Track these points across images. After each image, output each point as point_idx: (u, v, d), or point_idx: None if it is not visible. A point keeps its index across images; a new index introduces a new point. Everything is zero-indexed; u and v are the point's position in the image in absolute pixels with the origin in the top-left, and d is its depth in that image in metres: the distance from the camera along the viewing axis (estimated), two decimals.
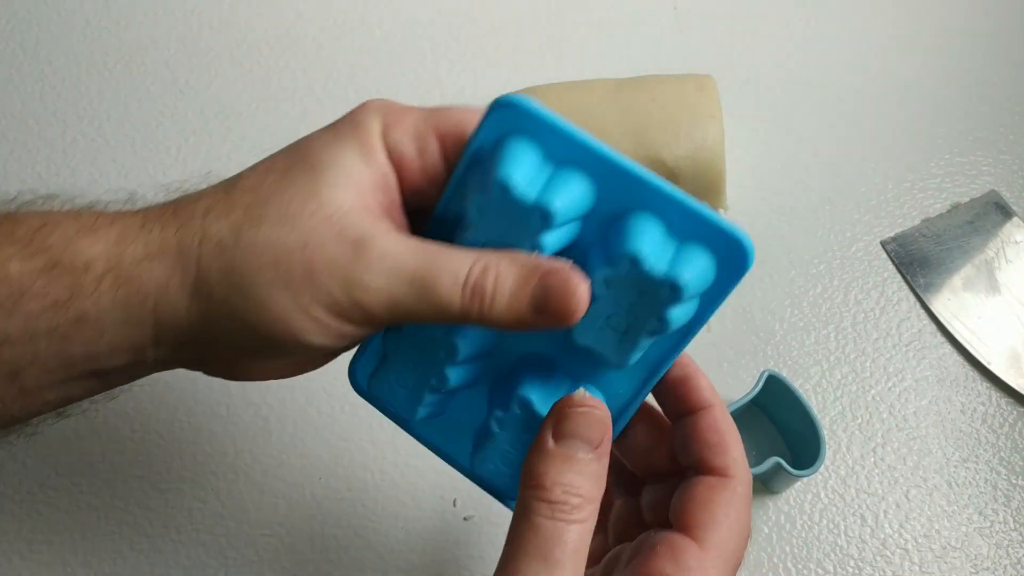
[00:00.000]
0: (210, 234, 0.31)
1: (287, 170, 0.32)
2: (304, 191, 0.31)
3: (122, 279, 0.31)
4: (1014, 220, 0.58)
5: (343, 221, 0.30)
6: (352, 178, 0.31)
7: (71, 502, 0.51)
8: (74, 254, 0.31)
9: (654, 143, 0.55)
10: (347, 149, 0.32)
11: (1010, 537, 0.50)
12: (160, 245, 0.31)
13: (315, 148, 0.32)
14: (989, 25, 0.65)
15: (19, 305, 0.30)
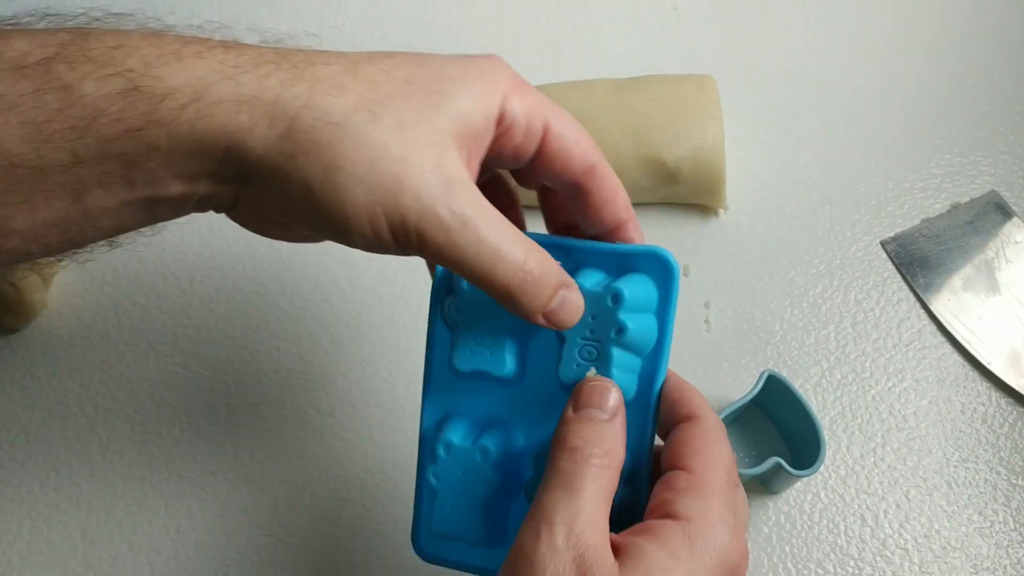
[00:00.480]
0: (318, 104, 0.31)
1: (410, 81, 0.33)
2: (421, 112, 0.32)
3: (203, 115, 0.30)
4: (1014, 220, 0.58)
5: (444, 156, 0.32)
6: (464, 121, 0.33)
7: (71, 502, 0.51)
8: (154, 80, 0.30)
9: (654, 143, 0.55)
10: (471, 93, 0.33)
11: (1010, 537, 0.50)
12: (254, 91, 0.31)
13: (443, 75, 0.33)
14: (989, 25, 0.65)
15: (92, 127, 0.30)
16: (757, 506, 0.50)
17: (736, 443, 0.52)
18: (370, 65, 0.33)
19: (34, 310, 0.55)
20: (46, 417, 0.54)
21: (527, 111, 0.34)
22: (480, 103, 0.33)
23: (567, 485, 0.31)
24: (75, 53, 0.30)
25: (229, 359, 0.55)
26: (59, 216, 0.31)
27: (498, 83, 0.34)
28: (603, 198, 0.36)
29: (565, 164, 0.36)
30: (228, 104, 0.31)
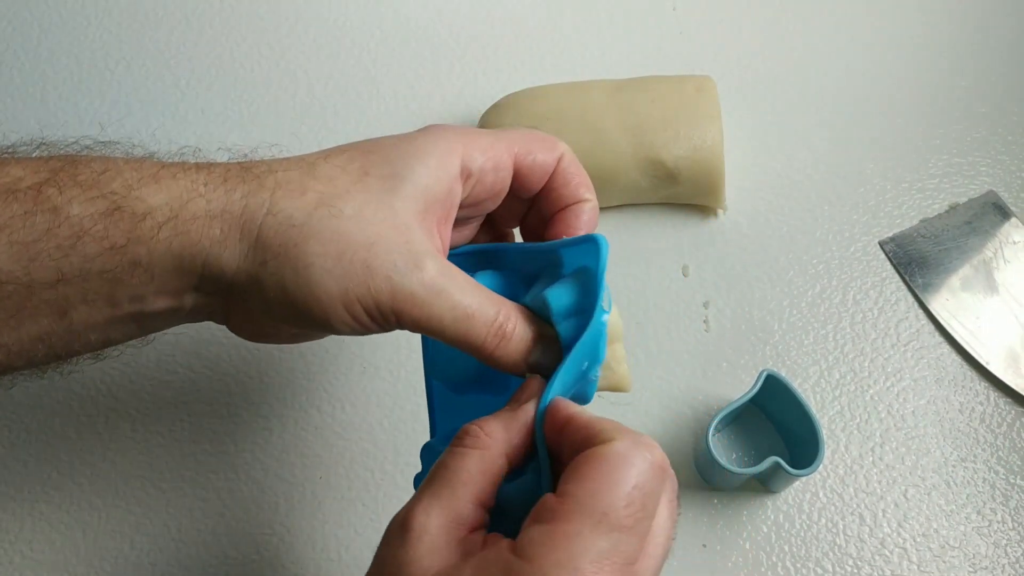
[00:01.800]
0: (282, 208, 0.33)
1: (366, 172, 0.35)
2: (380, 199, 0.34)
3: (180, 231, 0.33)
4: (1012, 220, 0.58)
5: (408, 234, 0.34)
6: (424, 195, 0.35)
7: (72, 502, 0.52)
8: (135, 201, 0.32)
9: (654, 143, 0.55)
10: (426, 167, 0.35)
11: (1008, 536, 0.50)
12: (223, 205, 0.33)
13: (396, 158, 0.35)
14: (988, 26, 0.65)
15: (77, 246, 0.32)
16: (756, 505, 0.50)
17: (735, 443, 0.52)
18: (326, 163, 0.35)
19: None
20: (47, 417, 0.54)
21: (488, 155, 0.37)
22: (437, 172, 0.35)
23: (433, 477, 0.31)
24: (65, 178, 0.32)
25: (230, 359, 0.55)
26: (44, 331, 0.33)
27: (452, 146, 0.36)
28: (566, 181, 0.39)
29: (541, 170, 0.39)
30: (202, 220, 0.33)
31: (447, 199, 0.36)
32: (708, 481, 0.51)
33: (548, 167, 0.39)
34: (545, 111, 0.56)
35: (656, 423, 0.52)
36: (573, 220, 0.39)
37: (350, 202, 0.34)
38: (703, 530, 0.50)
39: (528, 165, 0.38)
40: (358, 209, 0.33)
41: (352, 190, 0.34)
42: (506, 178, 0.38)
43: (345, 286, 0.33)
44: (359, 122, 0.63)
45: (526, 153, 0.38)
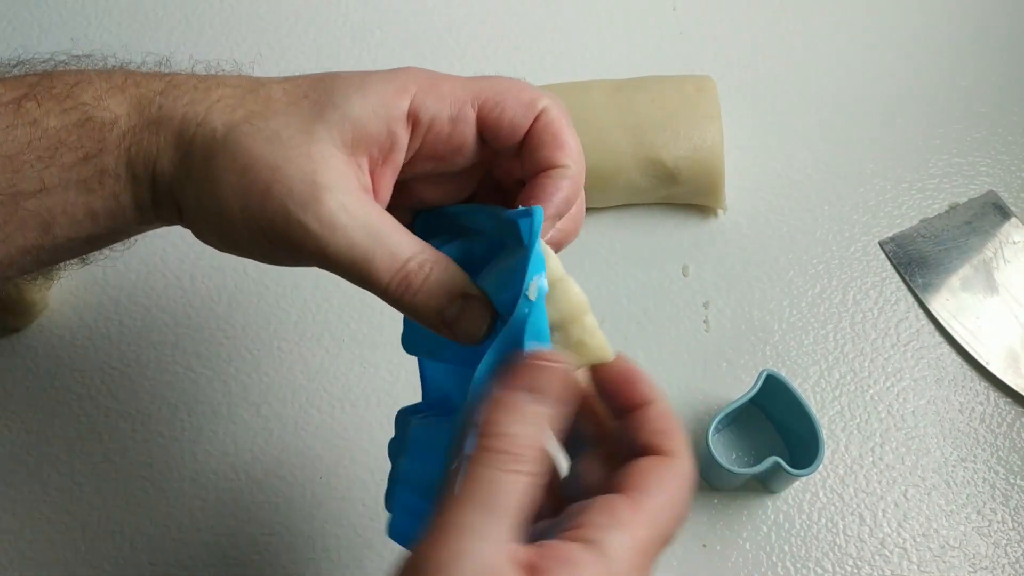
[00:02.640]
0: (209, 120, 0.33)
1: (306, 95, 0.33)
2: (302, 122, 0.32)
3: (137, 139, 0.33)
4: (1012, 220, 0.58)
5: (318, 164, 0.32)
6: (354, 128, 0.32)
7: (72, 502, 0.52)
8: (103, 110, 0.33)
9: (654, 143, 0.55)
10: (366, 100, 0.33)
11: (1008, 536, 0.50)
12: (170, 114, 0.33)
13: (340, 87, 0.33)
14: (988, 26, 0.65)
15: (55, 157, 0.33)
16: (756, 505, 0.50)
17: (735, 443, 0.52)
18: (275, 85, 0.34)
19: (35, 310, 0.56)
20: (47, 417, 0.54)
21: (447, 101, 0.34)
22: (375, 108, 0.33)
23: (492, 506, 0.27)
24: (42, 92, 0.33)
25: (230, 359, 0.55)
26: (31, 244, 0.34)
27: (404, 85, 0.33)
28: (540, 141, 0.34)
29: (509, 125, 0.34)
30: (153, 127, 0.33)
31: (385, 140, 0.33)
32: (708, 481, 0.51)
33: (519, 124, 0.34)
34: None
35: None
36: (540, 191, 0.33)
37: (273, 121, 0.32)
38: (703, 530, 0.50)
39: (494, 119, 0.34)
40: (277, 130, 0.32)
41: (281, 111, 0.33)
42: (467, 132, 0.34)
43: (245, 205, 0.32)
44: None
45: (493, 106, 0.34)
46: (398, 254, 0.32)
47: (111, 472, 0.52)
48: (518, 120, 0.34)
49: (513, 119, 0.34)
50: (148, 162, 0.34)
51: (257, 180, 0.32)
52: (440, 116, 0.33)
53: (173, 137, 0.33)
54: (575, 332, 0.32)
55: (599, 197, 0.57)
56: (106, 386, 0.54)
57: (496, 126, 0.34)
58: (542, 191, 0.33)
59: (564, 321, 0.31)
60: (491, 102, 0.34)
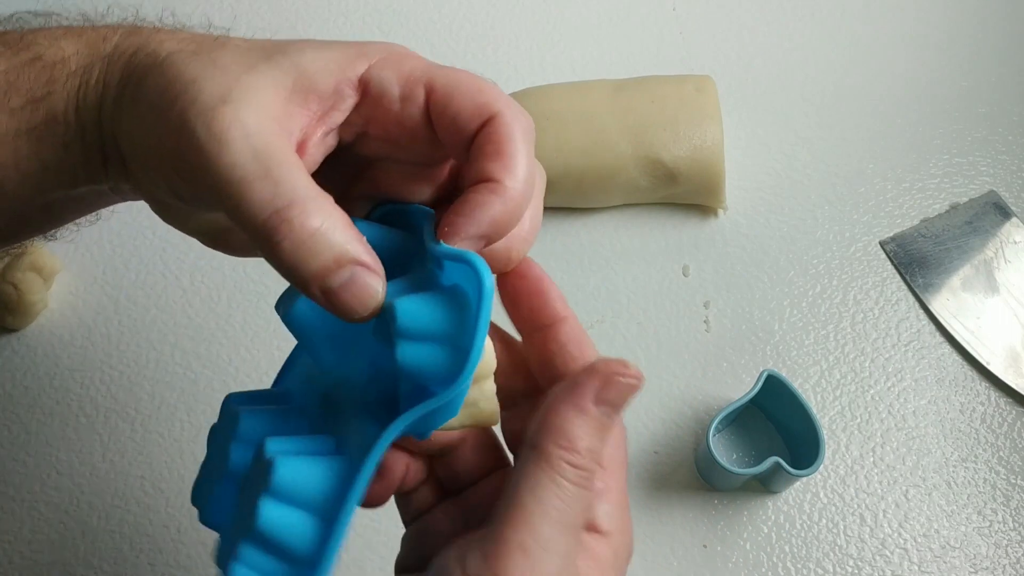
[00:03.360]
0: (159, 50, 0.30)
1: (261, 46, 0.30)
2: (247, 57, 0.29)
3: (84, 79, 0.31)
4: (1013, 220, 0.58)
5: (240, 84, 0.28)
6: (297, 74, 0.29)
7: (71, 502, 0.52)
8: (55, 50, 0.31)
9: (654, 144, 0.55)
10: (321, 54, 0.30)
11: (1009, 537, 0.50)
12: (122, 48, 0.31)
13: (297, 45, 0.30)
14: (988, 26, 0.65)
15: (3, 101, 0.30)
16: (757, 506, 0.50)
17: (735, 443, 0.52)
18: (241, 39, 0.31)
19: (34, 310, 0.55)
20: (47, 417, 0.54)
21: (402, 77, 0.30)
22: (326, 62, 0.29)
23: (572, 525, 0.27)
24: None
25: (229, 359, 0.55)
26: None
27: (364, 52, 0.30)
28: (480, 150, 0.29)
29: (453, 120, 0.30)
30: (100, 64, 0.31)
31: (328, 97, 0.29)
32: (709, 481, 0.51)
33: (463, 122, 0.29)
34: (545, 111, 0.56)
35: (656, 423, 0.52)
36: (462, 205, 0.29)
37: (215, 54, 0.29)
38: (704, 530, 0.50)
39: (439, 110, 0.29)
40: (216, 56, 0.29)
41: (231, 49, 0.29)
42: (416, 116, 0.30)
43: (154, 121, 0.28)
44: None
45: (443, 95, 0.29)
46: (283, 190, 0.26)
47: (110, 472, 0.52)
48: (463, 117, 0.29)
49: (458, 115, 0.29)
50: (95, 101, 0.31)
51: (171, 90, 0.28)
52: (391, 90, 0.30)
53: (120, 70, 0.30)
54: (474, 392, 0.29)
55: (599, 197, 0.57)
56: (105, 386, 0.54)
57: (440, 118, 0.30)
58: (464, 205, 0.29)
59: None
60: (441, 90, 0.29)
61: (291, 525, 0.27)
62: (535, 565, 0.26)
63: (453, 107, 0.29)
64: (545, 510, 0.27)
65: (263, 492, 0.27)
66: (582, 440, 0.28)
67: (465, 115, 0.29)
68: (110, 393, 0.54)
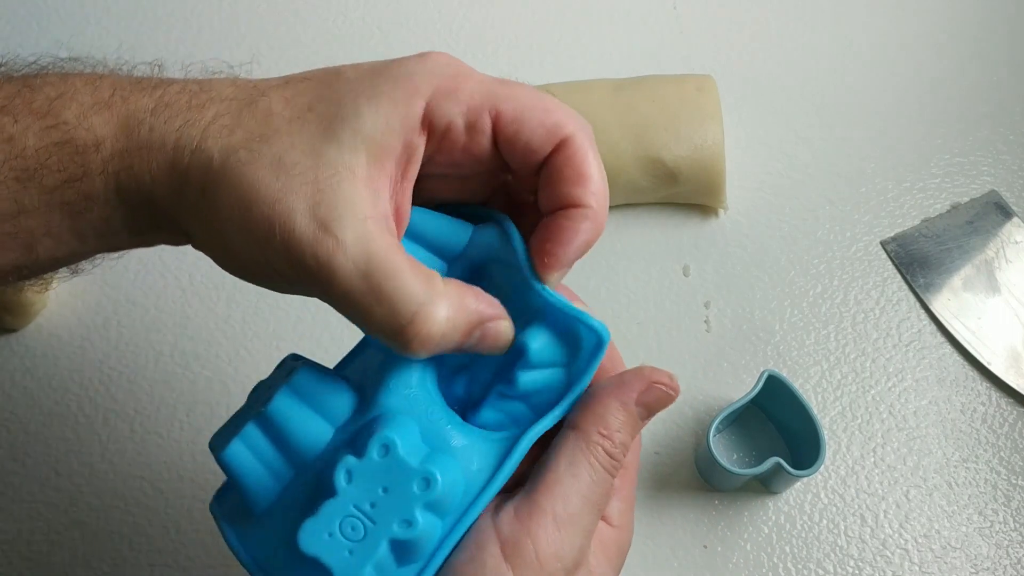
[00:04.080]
0: (205, 147, 0.30)
1: (311, 108, 0.30)
2: (310, 142, 0.29)
3: (125, 164, 0.30)
4: (1014, 220, 0.58)
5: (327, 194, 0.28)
6: (368, 144, 0.29)
7: (71, 502, 0.51)
8: (87, 131, 0.30)
9: (654, 143, 0.55)
10: (379, 109, 0.29)
11: (1010, 537, 0.50)
12: (162, 139, 0.30)
13: (348, 95, 0.30)
14: (989, 25, 0.65)
15: (35, 178, 0.30)
16: (757, 506, 0.50)
17: (736, 443, 0.52)
18: (275, 93, 0.31)
19: (34, 310, 0.55)
20: (46, 417, 0.54)
21: (465, 107, 0.30)
22: (388, 119, 0.29)
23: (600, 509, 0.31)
24: (20, 105, 0.30)
25: (229, 359, 0.55)
26: (13, 263, 0.32)
27: (417, 88, 0.30)
28: (561, 174, 0.31)
29: (526, 147, 0.31)
30: (144, 152, 0.30)
31: (403, 153, 0.30)
32: (709, 482, 0.50)
33: (536, 148, 0.31)
34: None
35: (657, 423, 0.52)
36: (558, 232, 0.31)
37: (273, 145, 0.29)
38: (704, 531, 0.50)
39: (509, 136, 0.31)
40: (280, 155, 0.29)
41: (283, 130, 0.29)
42: (484, 142, 0.31)
43: (248, 242, 0.29)
44: None
45: (511, 120, 0.30)
46: (400, 309, 0.28)
47: (110, 472, 0.52)
48: (535, 144, 0.31)
49: (530, 142, 0.31)
50: (142, 189, 0.31)
51: (259, 216, 0.28)
52: (456, 123, 0.30)
53: (167, 165, 0.30)
54: None
55: None
56: (104, 386, 0.54)
57: (511, 144, 0.31)
58: (560, 233, 0.31)
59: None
60: (509, 116, 0.30)
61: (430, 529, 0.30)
62: (561, 532, 0.29)
63: (524, 134, 0.30)
64: (579, 486, 0.30)
65: (419, 506, 0.29)
66: (619, 432, 0.31)
67: (537, 141, 0.31)
68: (109, 393, 0.54)
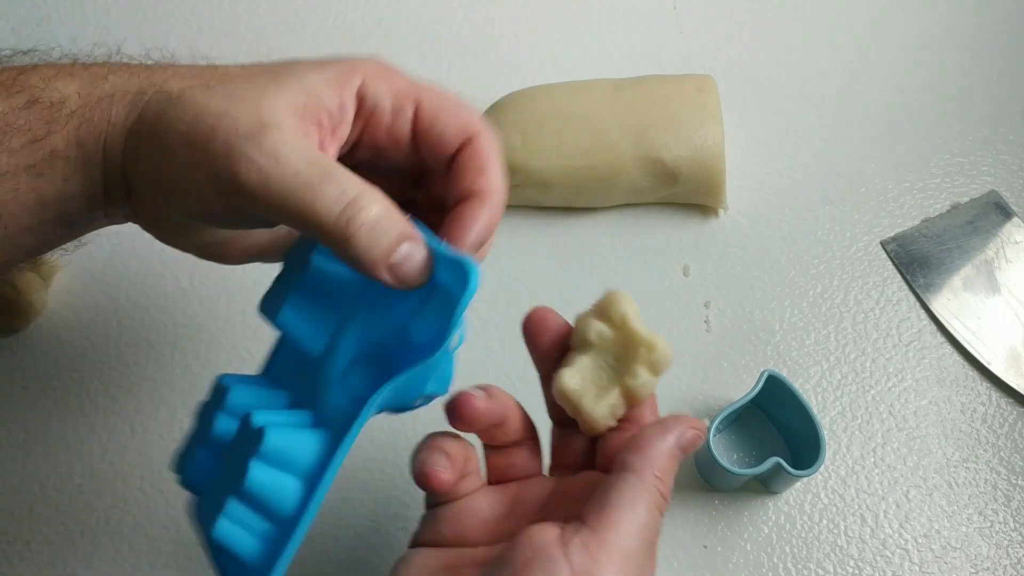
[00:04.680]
0: (165, 87, 0.33)
1: (262, 71, 0.34)
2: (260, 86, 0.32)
3: (87, 117, 0.33)
4: (1014, 220, 0.58)
5: (265, 109, 0.31)
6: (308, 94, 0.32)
7: (71, 502, 0.51)
8: (51, 91, 0.33)
9: (654, 143, 0.55)
10: (321, 73, 0.33)
11: (1010, 537, 0.50)
12: (123, 88, 0.34)
13: (296, 67, 0.33)
14: (989, 25, 0.65)
15: (3, 142, 0.32)
16: (757, 506, 0.50)
17: (736, 443, 0.52)
18: (240, 68, 0.35)
19: (34, 310, 0.55)
20: (46, 417, 0.54)
21: (393, 93, 0.34)
22: (329, 81, 0.33)
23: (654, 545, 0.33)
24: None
25: (229, 359, 0.55)
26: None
27: (357, 68, 0.34)
28: (466, 166, 0.34)
29: (439, 138, 0.34)
30: (104, 102, 0.33)
31: (336, 111, 0.33)
32: (709, 482, 0.51)
33: (447, 141, 0.34)
34: (545, 111, 0.56)
35: None
36: (459, 219, 0.34)
37: (228, 85, 0.32)
38: (704, 531, 0.50)
39: (425, 127, 0.34)
40: (231, 89, 0.32)
41: (239, 78, 0.33)
42: (404, 128, 0.34)
43: (191, 151, 0.31)
44: None
45: (429, 113, 0.34)
46: (346, 188, 0.31)
47: (110, 472, 0.52)
48: (448, 136, 0.34)
49: (443, 133, 0.34)
50: (98, 137, 0.33)
51: (204, 124, 0.31)
52: (383, 104, 0.34)
53: (125, 108, 0.33)
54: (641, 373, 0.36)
55: (600, 197, 0.57)
56: (105, 386, 0.54)
57: (426, 134, 0.34)
58: (462, 221, 0.34)
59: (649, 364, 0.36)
60: (427, 108, 0.34)
61: (277, 486, 0.32)
62: (625, 566, 0.31)
63: (439, 125, 0.34)
64: (638, 522, 0.32)
65: (253, 456, 0.31)
66: (668, 475, 0.34)
67: (449, 133, 0.34)
68: (109, 393, 0.54)
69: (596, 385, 0.36)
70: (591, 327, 0.36)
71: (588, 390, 0.36)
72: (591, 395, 0.36)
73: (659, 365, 0.36)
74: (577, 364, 0.36)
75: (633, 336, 0.36)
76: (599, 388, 0.36)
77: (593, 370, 0.36)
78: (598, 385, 0.36)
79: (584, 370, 0.36)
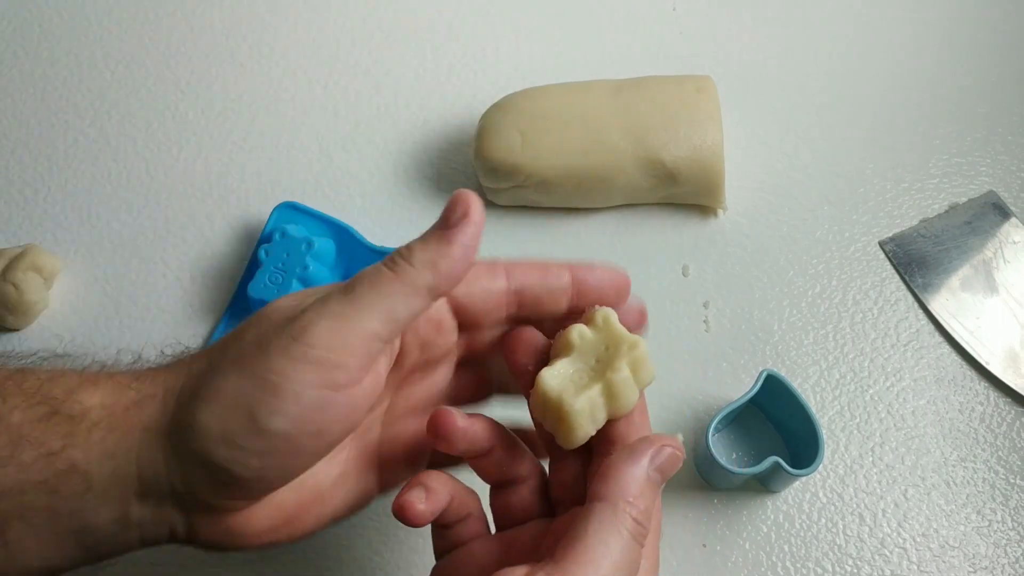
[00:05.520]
0: (188, 381, 0.32)
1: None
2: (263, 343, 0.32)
3: (113, 426, 0.31)
4: (1012, 220, 0.58)
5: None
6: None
7: None
8: (73, 403, 0.31)
9: (654, 144, 0.55)
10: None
11: (1008, 536, 0.50)
12: (150, 392, 0.32)
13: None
14: (988, 26, 0.65)
15: (14, 455, 0.30)
16: (756, 505, 0.50)
17: (735, 442, 0.52)
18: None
19: (34, 310, 0.56)
20: None
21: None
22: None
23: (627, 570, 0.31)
24: (11, 387, 0.31)
25: None
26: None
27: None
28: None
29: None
30: (132, 411, 0.31)
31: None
32: (708, 481, 0.51)
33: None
34: (545, 111, 0.56)
35: (656, 423, 0.52)
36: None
37: (234, 350, 0.33)
38: (703, 530, 0.50)
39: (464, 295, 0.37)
40: (239, 354, 0.32)
41: (237, 340, 0.33)
42: (446, 324, 0.37)
43: (220, 423, 0.31)
44: (359, 122, 0.63)
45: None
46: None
47: None
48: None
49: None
50: (132, 449, 0.31)
51: (227, 403, 0.31)
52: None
53: (158, 415, 0.32)
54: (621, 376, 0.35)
55: (599, 197, 0.57)
56: None
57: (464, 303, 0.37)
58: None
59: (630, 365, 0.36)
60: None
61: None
62: None
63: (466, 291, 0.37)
64: (610, 555, 0.30)
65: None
66: (642, 499, 0.32)
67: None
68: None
69: (576, 384, 0.35)
70: (573, 330, 0.36)
71: (568, 388, 0.35)
72: (570, 392, 0.35)
73: (640, 365, 0.36)
74: (558, 365, 0.36)
75: (615, 334, 0.36)
76: (579, 387, 0.35)
77: (574, 371, 0.35)
78: (578, 385, 0.35)
79: (565, 369, 0.35)
